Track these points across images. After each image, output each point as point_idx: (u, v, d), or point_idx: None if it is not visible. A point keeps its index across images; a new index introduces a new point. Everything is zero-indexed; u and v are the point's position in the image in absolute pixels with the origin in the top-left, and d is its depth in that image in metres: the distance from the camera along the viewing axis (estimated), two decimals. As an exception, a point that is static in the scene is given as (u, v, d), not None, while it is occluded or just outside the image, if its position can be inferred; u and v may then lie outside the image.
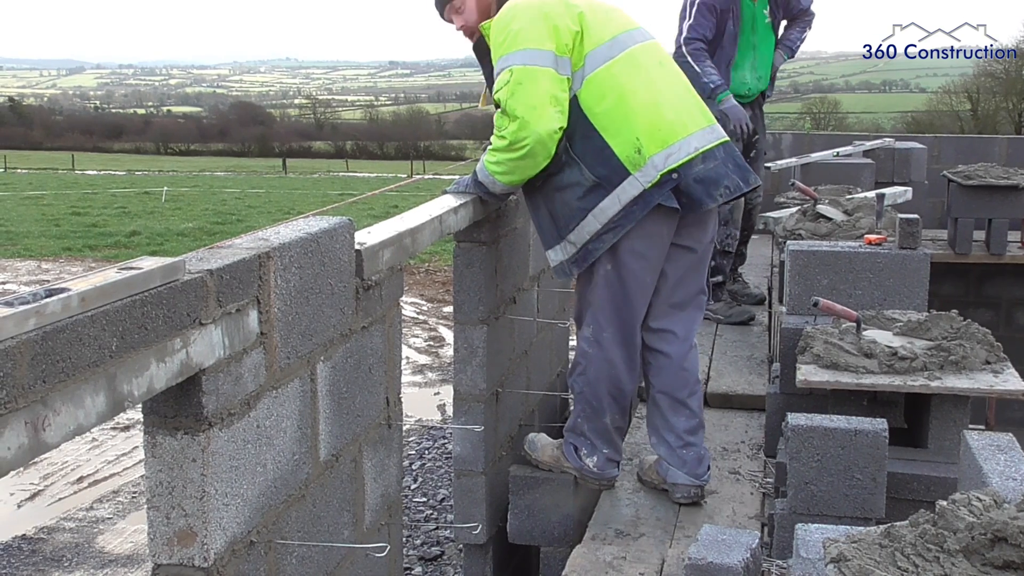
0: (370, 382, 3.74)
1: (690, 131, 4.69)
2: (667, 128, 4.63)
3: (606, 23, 4.74)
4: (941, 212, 12.13)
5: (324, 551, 3.36)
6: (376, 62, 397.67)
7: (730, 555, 3.65)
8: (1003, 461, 3.15)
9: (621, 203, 4.60)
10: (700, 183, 4.65)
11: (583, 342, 5.00)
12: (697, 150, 4.67)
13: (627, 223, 4.62)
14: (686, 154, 4.63)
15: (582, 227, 4.70)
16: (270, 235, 3.15)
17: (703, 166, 4.67)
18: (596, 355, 4.95)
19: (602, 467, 5.16)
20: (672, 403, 5.05)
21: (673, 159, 4.60)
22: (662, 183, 4.59)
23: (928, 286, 5.59)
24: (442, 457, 9.68)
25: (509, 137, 4.56)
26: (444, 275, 18.68)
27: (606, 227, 4.65)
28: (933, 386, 4.68)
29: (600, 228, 4.66)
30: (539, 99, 4.51)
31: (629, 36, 4.79)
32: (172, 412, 2.63)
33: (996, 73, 47.36)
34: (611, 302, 4.85)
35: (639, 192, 4.58)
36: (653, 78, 4.75)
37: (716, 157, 4.73)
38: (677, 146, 4.62)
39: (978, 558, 2.46)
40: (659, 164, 4.58)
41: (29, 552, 7.84)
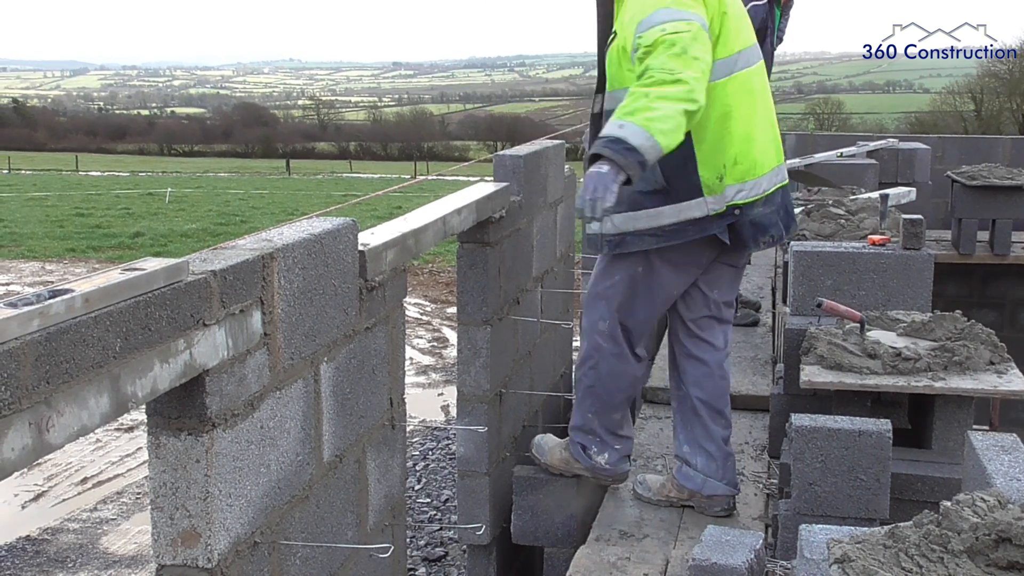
0: (374, 383, 3.74)
1: (765, 171, 4.59)
2: (749, 164, 4.51)
3: (737, 33, 4.54)
4: (945, 213, 12.12)
5: (328, 552, 3.36)
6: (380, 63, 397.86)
7: (734, 556, 3.65)
8: (1007, 462, 3.15)
9: (679, 218, 4.49)
10: (753, 226, 4.58)
11: (596, 336, 4.86)
12: (764, 192, 4.58)
13: (675, 238, 4.53)
14: (754, 195, 4.54)
15: (632, 217, 4.55)
16: (274, 236, 3.15)
17: (762, 210, 4.58)
18: (610, 349, 4.83)
19: (614, 463, 5.05)
20: (712, 412, 4.92)
21: (742, 196, 4.51)
22: (724, 215, 4.50)
23: (932, 287, 5.58)
24: (446, 458, 9.68)
25: (690, 82, 4.06)
26: (448, 276, 18.68)
27: (653, 232, 4.54)
28: (937, 387, 4.68)
29: (646, 229, 4.55)
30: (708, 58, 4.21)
31: (750, 53, 4.61)
32: (176, 413, 2.63)
33: (1000, 74, 47.34)
34: (632, 303, 4.76)
35: (701, 216, 4.48)
36: (756, 108, 4.60)
37: (774, 202, 4.64)
38: (751, 184, 4.52)
39: (982, 559, 2.46)
40: (729, 196, 4.48)
41: (33, 553, 7.85)
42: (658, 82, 4.04)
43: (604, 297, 4.79)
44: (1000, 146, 13.87)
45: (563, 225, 6.72)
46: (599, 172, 4.00)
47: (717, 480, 4.94)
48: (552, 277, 6.43)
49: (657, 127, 3.98)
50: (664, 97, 4.02)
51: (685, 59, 4.06)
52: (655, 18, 4.19)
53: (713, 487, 4.94)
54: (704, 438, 4.92)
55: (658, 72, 4.06)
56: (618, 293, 4.75)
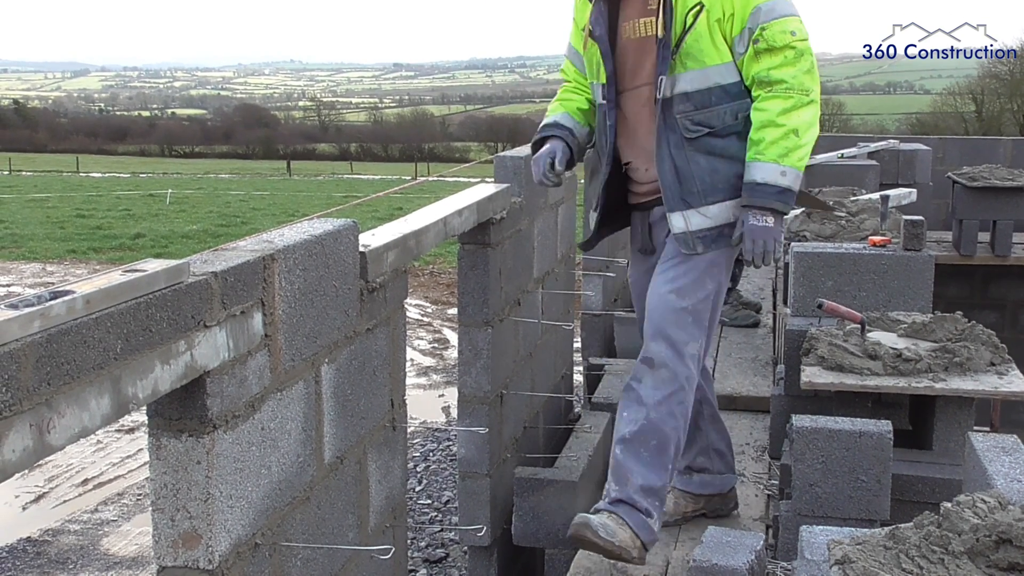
0: (374, 384, 3.74)
1: None
2: None
3: None
4: (946, 214, 12.13)
5: (328, 553, 3.36)
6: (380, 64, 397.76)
7: (735, 557, 3.66)
8: (1008, 463, 3.15)
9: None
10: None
11: (690, 360, 4.25)
12: None
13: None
14: None
15: (729, 206, 4.21)
16: (274, 237, 3.15)
17: None
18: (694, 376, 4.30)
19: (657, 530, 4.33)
20: (716, 412, 4.87)
21: None
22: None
23: (933, 288, 5.59)
24: (447, 459, 9.68)
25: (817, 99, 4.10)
26: (449, 277, 18.68)
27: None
28: (938, 388, 4.68)
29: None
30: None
31: None
32: (177, 414, 2.63)
33: (1001, 75, 47.29)
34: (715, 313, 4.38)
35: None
36: None
37: None
38: None
39: (983, 560, 2.46)
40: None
41: (34, 554, 7.85)
42: (798, 105, 4.02)
43: (694, 312, 4.25)
44: (1001, 147, 13.86)
45: (564, 226, 6.72)
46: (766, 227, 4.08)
47: (728, 472, 4.94)
48: (553, 278, 6.43)
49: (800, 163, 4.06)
50: (808, 125, 4.03)
51: (814, 76, 4.05)
52: (779, 8, 4.07)
53: (729, 481, 4.95)
54: (719, 440, 4.86)
55: (797, 92, 4.02)
56: (708, 306, 4.30)
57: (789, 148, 4.00)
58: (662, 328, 4.23)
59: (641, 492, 4.18)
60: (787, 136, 4.00)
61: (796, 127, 3.99)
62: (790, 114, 4.00)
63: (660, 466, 4.20)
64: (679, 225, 4.23)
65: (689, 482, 4.88)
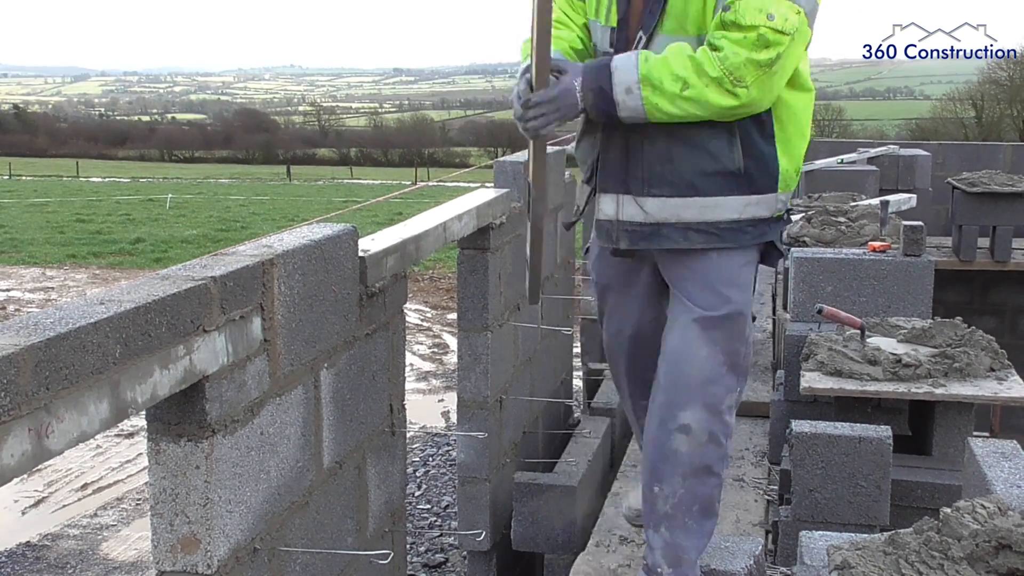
0: (374, 389, 3.74)
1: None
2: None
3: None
4: (945, 219, 12.13)
5: (327, 558, 3.35)
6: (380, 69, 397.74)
7: (734, 562, 3.65)
8: (1007, 468, 3.15)
9: (741, 214, 3.51)
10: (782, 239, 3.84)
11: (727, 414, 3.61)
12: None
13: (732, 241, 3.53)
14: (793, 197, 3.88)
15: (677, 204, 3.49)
16: (274, 242, 3.15)
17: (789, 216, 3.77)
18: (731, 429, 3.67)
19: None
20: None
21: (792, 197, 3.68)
22: (781, 220, 3.65)
23: (932, 293, 5.59)
24: (446, 464, 9.68)
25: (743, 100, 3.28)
26: (448, 282, 18.68)
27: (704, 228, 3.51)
28: (937, 393, 4.68)
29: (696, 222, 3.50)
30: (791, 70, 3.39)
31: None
32: (176, 419, 2.63)
33: (1001, 80, 47.33)
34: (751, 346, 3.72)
35: (767, 216, 3.56)
36: None
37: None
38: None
39: (982, 565, 2.46)
40: (786, 198, 3.62)
41: (33, 559, 7.84)
42: (712, 80, 3.25)
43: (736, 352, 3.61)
44: (1001, 153, 13.87)
45: (563, 232, 6.72)
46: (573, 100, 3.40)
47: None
48: (552, 283, 6.43)
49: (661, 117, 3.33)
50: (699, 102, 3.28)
51: (763, 75, 3.27)
52: None
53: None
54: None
55: (724, 71, 3.24)
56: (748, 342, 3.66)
57: (659, 85, 3.28)
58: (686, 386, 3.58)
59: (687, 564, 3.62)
60: (672, 78, 3.28)
61: (689, 83, 3.27)
62: (696, 74, 3.26)
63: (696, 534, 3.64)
64: (608, 211, 3.62)
65: None
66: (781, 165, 3.52)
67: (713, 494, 3.62)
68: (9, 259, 22.69)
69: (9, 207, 34.49)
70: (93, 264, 22.06)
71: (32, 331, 2.09)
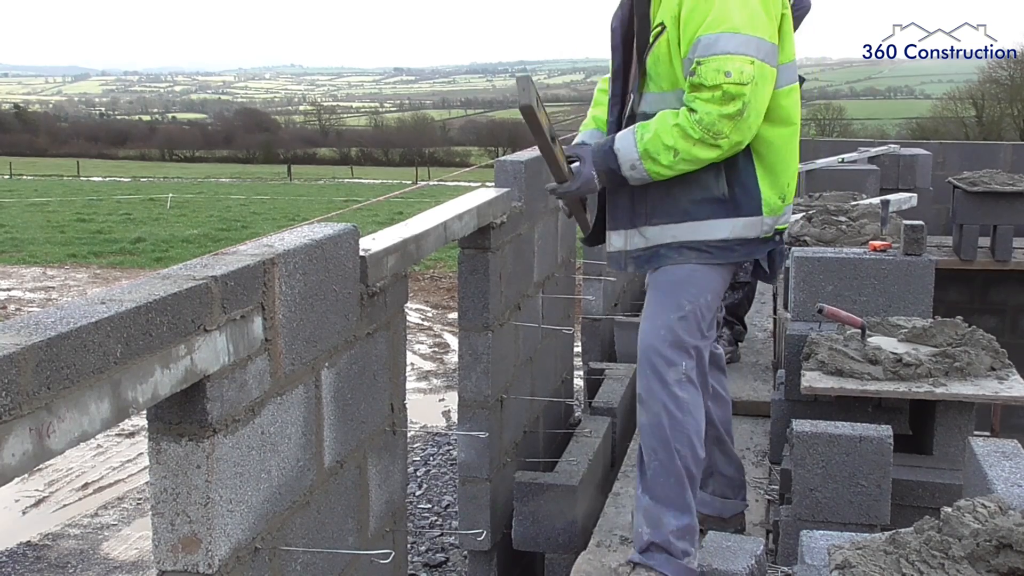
0: (374, 388, 3.74)
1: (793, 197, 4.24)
2: (792, 186, 4.16)
3: (791, 40, 4.12)
4: (946, 218, 12.14)
5: (328, 558, 3.35)
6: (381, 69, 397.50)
7: (735, 562, 3.66)
8: (1008, 467, 3.15)
9: (731, 234, 3.99)
10: (780, 255, 4.24)
11: (676, 387, 4.01)
12: (787, 222, 4.24)
13: (720, 258, 4.02)
14: (784, 221, 4.19)
15: (670, 229, 4.04)
16: (275, 242, 3.15)
17: (781, 238, 4.23)
18: (693, 400, 4.04)
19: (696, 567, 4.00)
20: (728, 435, 4.67)
21: (784, 220, 4.16)
22: (770, 240, 4.10)
23: (933, 292, 5.59)
24: (447, 463, 9.68)
25: (726, 149, 3.83)
26: (449, 281, 18.69)
27: (696, 245, 4.01)
28: (938, 393, 4.69)
29: (689, 241, 4.01)
30: (764, 105, 3.87)
31: (796, 67, 4.17)
32: (177, 419, 2.63)
33: (1001, 79, 47.34)
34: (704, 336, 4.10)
35: (753, 237, 4.02)
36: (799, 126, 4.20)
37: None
38: (787, 209, 4.18)
39: (983, 564, 2.46)
40: (781, 219, 4.12)
41: (34, 559, 7.85)
42: (696, 141, 3.79)
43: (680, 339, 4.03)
44: (1001, 152, 13.89)
45: (564, 231, 6.72)
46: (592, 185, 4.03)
47: (736, 499, 4.73)
48: (553, 283, 6.43)
49: (655, 171, 3.88)
50: (691, 160, 3.83)
51: (737, 123, 3.76)
52: (718, 44, 3.76)
53: (733, 507, 4.73)
54: (725, 464, 4.67)
55: (704, 131, 3.77)
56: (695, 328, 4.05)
57: (656, 157, 3.85)
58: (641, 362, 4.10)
59: (672, 534, 3.96)
60: (665, 149, 3.84)
61: (679, 151, 3.82)
62: (683, 140, 3.81)
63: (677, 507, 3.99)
64: (617, 244, 4.18)
65: None
66: (763, 193, 4.01)
67: (683, 470, 3.98)
68: (10, 258, 22.71)
69: (10, 206, 34.52)
70: (94, 263, 22.08)
71: (33, 331, 2.09)
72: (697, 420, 4.02)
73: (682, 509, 3.97)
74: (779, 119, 4.01)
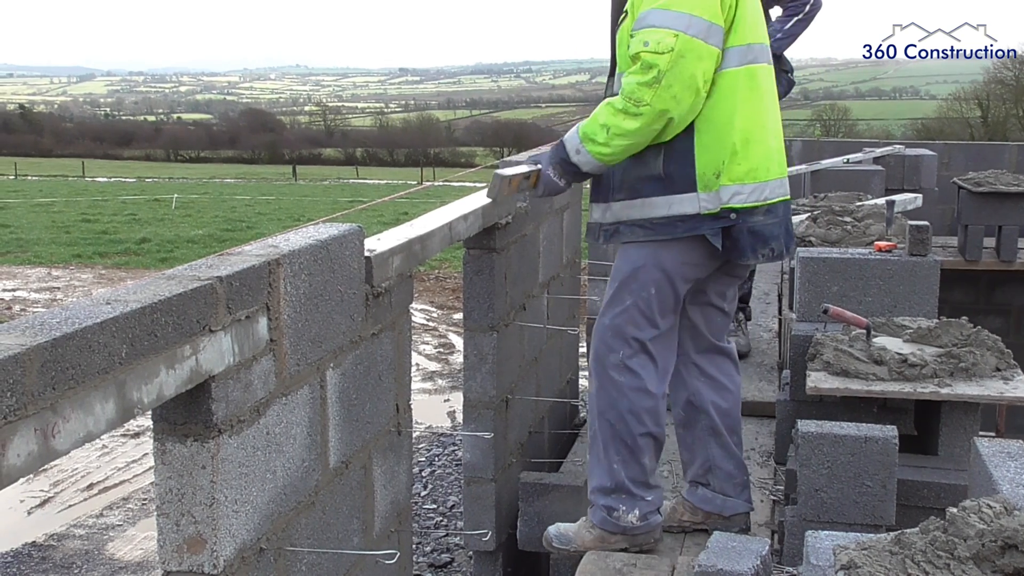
0: (380, 389, 3.74)
1: (769, 178, 4.27)
2: (751, 166, 4.21)
3: (753, 24, 4.28)
4: (951, 219, 12.12)
5: (334, 558, 3.36)
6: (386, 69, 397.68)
7: (740, 562, 3.65)
8: (1013, 468, 3.15)
9: (669, 211, 4.19)
10: (752, 235, 4.24)
11: (612, 371, 4.37)
12: (767, 200, 4.26)
13: (664, 233, 4.21)
14: (754, 200, 4.22)
15: (627, 205, 4.27)
16: (280, 242, 3.16)
17: (763, 219, 4.25)
18: (629, 384, 4.35)
19: (646, 517, 4.48)
20: (730, 430, 4.66)
21: (739, 199, 4.19)
22: (718, 217, 4.18)
23: (938, 293, 5.59)
24: (452, 464, 9.68)
25: (647, 113, 3.98)
26: (454, 282, 18.69)
27: (643, 223, 4.25)
28: (943, 393, 4.68)
29: (639, 219, 4.26)
30: (697, 82, 4.01)
31: (761, 49, 4.31)
32: (182, 419, 2.63)
33: (1006, 80, 47.36)
34: (650, 326, 4.33)
35: (693, 213, 4.17)
36: (764, 108, 4.30)
37: (776, 214, 4.32)
38: (750, 188, 4.21)
39: (988, 565, 2.46)
40: (724, 197, 4.16)
41: (39, 559, 7.85)
42: (621, 111, 4.04)
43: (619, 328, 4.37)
44: (1006, 152, 13.87)
45: (569, 231, 6.72)
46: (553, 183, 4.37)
47: (737, 498, 4.71)
48: (558, 283, 6.43)
49: (599, 152, 4.12)
50: (622, 134, 4.06)
51: (657, 90, 3.96)
52: (647, 19, 4.03)
53: (734, 506, 4.71)
54: (723, 458, 4.66)
55: (626, 100, 4.02)
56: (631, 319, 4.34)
57: (594, 137, 4.11)
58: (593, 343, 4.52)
59: (596, 491, 4.51)
60: (600, 128, 4.10)
61: (609, 126, 4.07)
62: (612, 115, 4.06)
63: (602, 469, 4.47)
64: (595, 216, 4.44)
65: (692, 493, 4.75)
66: (698, 169, 4.17)
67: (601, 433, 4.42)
68: (15, 259, 22.72)
69: (15, 207, 34.56)
70: (99, 264, 22.09)
71: (38, 331, 2.09)
72: (633, 401, 4.37)
73: (606, 472, 4.46)
74: (723, 98, 4.17)
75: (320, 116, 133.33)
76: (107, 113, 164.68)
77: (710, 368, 4.59)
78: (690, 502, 4.76)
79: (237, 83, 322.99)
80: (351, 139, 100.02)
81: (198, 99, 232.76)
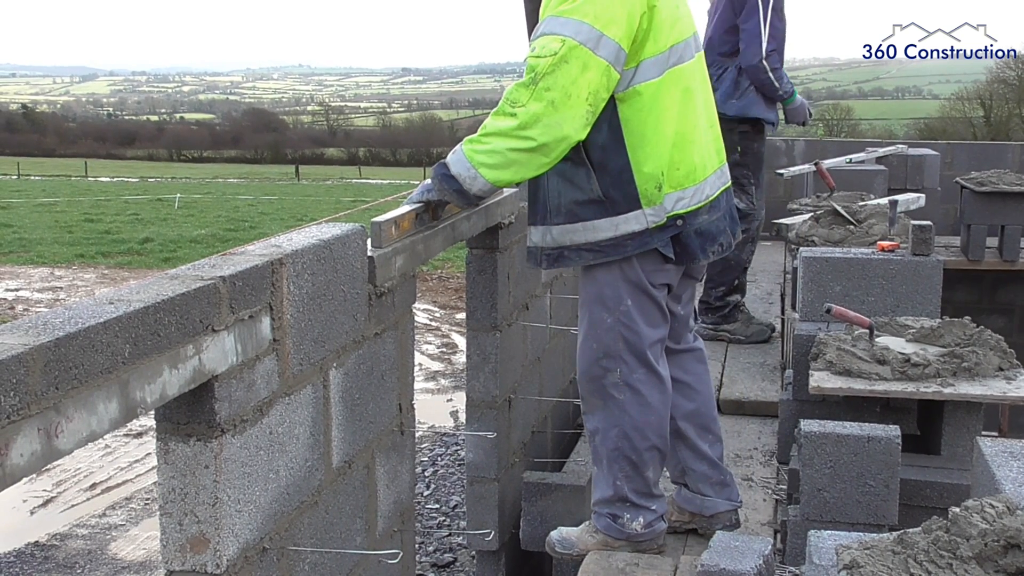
0: (383, 389, 3.74)
1: (707, 175, 4.27)
2: (688, 169, 4.18)
3: (672, 25, 4.15)
4: (954, 219, 12.12)
5: (336, 558, 3.36)
6: (389, 69, 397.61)
7: (743, 562, 3.65)
8: (1016, 468, 3.15)
9: (616, 232, 4.15)
10: (699, 236, 4.25)
11: (612, 389, 4.33)
12: (708, 198, 4.27)
13: (614, 254, 4.18)
14: (696, 202, 4.22)
15: (568, 230, 4.23)
16: (283, 242, 3.16)
17: (707, 217, 4.27)
18: (631, 400, 4.33)
19: (651, 524, 4.50)
20: (699, 430, 4.68)
21: (683, 204, 4.18)
22: (666, 227, 4.16)
23: (941, 293, 5.58)
24: (455, 464, 9.68)
25: (522, 117, 3.87)
26: (457, 282, 18.68)
27: (591, 247, 4.21)
28: (946, 393, 4.68)
29: (583, 243, 4.22)
30: (580, 91, 3.89)
31: (685, 47, 4.22)
32: (185, 419, 2.64)
33: (1009, 80, 47.35)
34: (640, 338, 4.29)
35: (641, 229, 4.13)
36: (693, 107, 4.24)
37: (719, 207, 4.35)
38: (691, 191, 4.19)
39: (991, 565, 2.46)
40: (668, 206, 4.14)
41: (42, 559, 7.86)
42: (497, 113, 3.97)
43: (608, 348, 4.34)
44: (1009, 152, 13.87)
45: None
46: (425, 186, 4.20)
47: (716, 497, 4.74)
48: (561, 283, 6.43)
49: (480, 160, 3.96)
50: (496, 133, 3.93)
51: (533, 91, 3.88)
52: (542, 27, 4.00)
53: (713, 505, 4.74)
54: (693, 459, 4.71)
55: (503, 102, 3.96)
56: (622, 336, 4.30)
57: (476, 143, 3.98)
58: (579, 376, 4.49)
59: (600, 503, 4.55)
60: (484, 136, 3.97)
61: (488, 130, 3.97)
62: (491, 117, 3.99)
63: (607, 482, 4.48)
64: (535, 239, 4.39)
65: (677, 494, 4.81)
66: (639, 186, 4.12)
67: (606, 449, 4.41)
68: (18, 259, 22.72)
69: (18, 207, 34.57)
70: (102, 264, 22.08)
71: (41, 331, 2.09)
72: (635, 417, 4.34)
73: (610, 486, 4.47)
74: (649, 111, 4.11)
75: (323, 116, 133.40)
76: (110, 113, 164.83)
77: (674, 371, 4.56)
78: (676, 502, 4.84)
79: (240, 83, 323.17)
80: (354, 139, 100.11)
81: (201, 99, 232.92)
